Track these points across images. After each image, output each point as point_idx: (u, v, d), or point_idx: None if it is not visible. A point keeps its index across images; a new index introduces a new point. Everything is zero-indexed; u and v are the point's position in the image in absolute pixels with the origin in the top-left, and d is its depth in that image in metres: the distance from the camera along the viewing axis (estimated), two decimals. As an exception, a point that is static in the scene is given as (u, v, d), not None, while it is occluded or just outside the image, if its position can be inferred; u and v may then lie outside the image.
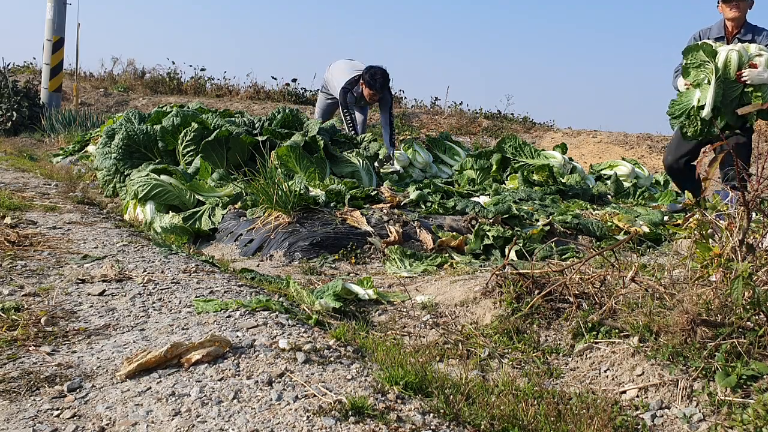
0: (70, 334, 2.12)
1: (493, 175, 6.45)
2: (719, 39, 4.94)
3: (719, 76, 4.59)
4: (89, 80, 14.88)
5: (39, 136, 10.17)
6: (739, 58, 4.57)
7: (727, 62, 4.60)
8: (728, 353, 1.88)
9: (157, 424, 1.55)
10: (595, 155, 10.66)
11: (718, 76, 4.59)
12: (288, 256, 3.80)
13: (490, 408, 1.72)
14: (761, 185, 2.09)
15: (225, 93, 14.12)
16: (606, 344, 2.16)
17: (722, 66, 4.59)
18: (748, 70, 4.52)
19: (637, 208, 5.41)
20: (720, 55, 4.60)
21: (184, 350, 1.86)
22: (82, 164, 7.33)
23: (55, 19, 11.41)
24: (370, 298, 2.86)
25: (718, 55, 4.61)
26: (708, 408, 1.79)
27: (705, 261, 2.12)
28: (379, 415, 1.58)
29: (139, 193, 4.73)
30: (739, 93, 4.63)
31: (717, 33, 5.02)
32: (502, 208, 4.37)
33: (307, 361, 1.88)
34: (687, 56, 4.76)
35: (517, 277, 2.57)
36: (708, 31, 5.10)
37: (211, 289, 2.66)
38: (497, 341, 2.33)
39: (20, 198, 4.59)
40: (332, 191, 4.60)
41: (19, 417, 1.58)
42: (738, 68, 4.56)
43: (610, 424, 1.73)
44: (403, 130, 11.45)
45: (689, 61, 4.75)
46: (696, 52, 4.70)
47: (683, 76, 4.79)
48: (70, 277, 2.76)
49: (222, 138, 5.41)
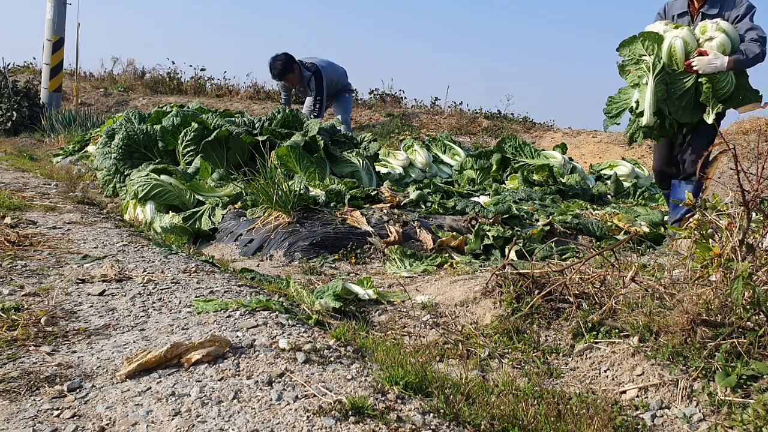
0: (70, 334, 2.12)
1: (493, 175, 6.45)
2: (682, 15, 4.31)
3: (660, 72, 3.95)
4: (89, 80, 14.87)
5: (39, 136, 10.16)
6: (684, 46, 3.93)
7: (671, 52, 3.98)
8: (728, 353, 1.88)
9: (157, 424, 1.55)
10: (595, 155, 10.66)
11: (659, 72, 3.95)
12: (288, 256, 3.80)
13: (490, 408, 1.72)
14: (761, 185, 2.09)
15: (225, 93, 14.11)
16: (606, 344, 2.16)
17: (666, 57, 3.98)
18: (697, 58, 3.92)
19: (637, 208, 5.41)
20: (664, 44, 3.99)
21: (184, 350, 1.86)
22: (82, 164, 7.33)
23: (55, 19, 11.41)
24: (370, 298, 2.86)
25: (663, 45, 3.99)
26: (708, 408, 1.79)
27: (705, 261, 2.12)
28: (379, 415, 1.58)
29: (139, 193, 4.73)
30: (692, 84, 3.99)
31: (680, 8, 4.33)
32: (502, 208, 4.37)
33: (307, 361, 1.88)
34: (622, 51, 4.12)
35: (517, 277, 2.57)
36: (672, 4, 4.41)
37: (211, 289, 2.66)
38: (497, 341, 2.33)
39: (20, 198, 4.59)
40: (332, 191, 4.60)
41: (19, 417, 1.58)
42: (686, 57, 3.95)
43: (610, 424, 1.73)
44: (403, 130, 11.45)
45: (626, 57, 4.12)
46: (632, 46, 4.05)
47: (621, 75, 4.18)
48: (70, 277, 2.76)
49: (222, 138, 5.41)
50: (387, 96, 14.02)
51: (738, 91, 4.03)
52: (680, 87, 4.01)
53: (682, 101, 4.04)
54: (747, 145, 9.79)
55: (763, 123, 10.27)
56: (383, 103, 13.77)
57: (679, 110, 4.05)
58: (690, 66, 3.95)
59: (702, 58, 3.94)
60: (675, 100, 4.04)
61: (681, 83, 4.02)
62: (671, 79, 4.02)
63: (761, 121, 10.42)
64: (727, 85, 3.98)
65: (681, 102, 4.04)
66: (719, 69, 3.91)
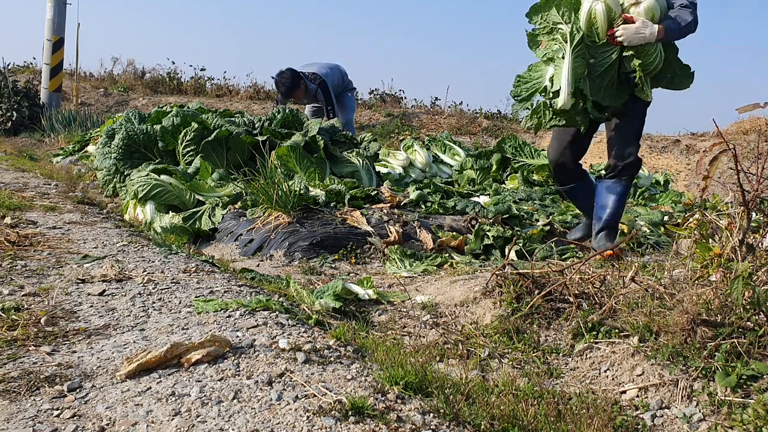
0: (70, 334, 2.12)
1: (493, 175, 6.46)
2: None
3: (579, 44, 3.19)
4: (89, 80, 14.88)
5: (39, 136, 10.17)
6: (606, 11, 3.21)
7: (591, 19, 3.23)
8: (728, 353, 1.88)
9: (157, 424, 1.55)
10: (595, 155, 10.66)
11: (577, 44, 3.19)
12: (288, 256, 3.80)
13: (490, 408, 1.72)
14: (761, 185, 2.09)
15: (225, 93, 14.11)
16: (606, 344, 2.16)
17: (586, 25, 3.23)
18: (622, 26, 3.19)
19: (637, 208, 5.41)
20: (582, 9, 3.25)
21: (184, 350, 1.86)
22: (82, 164, 7.33)
23: (55, 19, 11.41)
24: (370, 298, 2.86)
25: (581, 10, 3.25)
26: (708, 408, 1.79)
27: (705, 261, 2.12)
28: (379, 415, 1.58)
29: (139, 193, 4.73)
30: (616, 59, 3.27)
31: None
32: (502, 208, 4.37)
33: (307, 361, 1.88)
34: (533, 18, 3.37)
35: (517, 277, 2.57)
36: None
37: (211, 289, 2.66)
38: (497, 341, 2.33)
39: (20, 198, 4.59)
40: (332, 191, 4.60)
41: (19, 417, 1.58)
42: (609, 26, 3.22)
43: (610, 424, 1.73)
44: (403, 130, 11.45)
45: (537, 24, 3.37)
46: (546, 12, 3.32)
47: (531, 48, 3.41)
48: (70, 277, 2.76)
49: (222, 138, 5.41)
50: (387, 96, 14.03)
51: (667, 67, 3.37)
52: (602, 62, 3.27)
53: (604, 80, 3.30)
54: (747, 145, 9.79)
55: (763, 123, 10.28)
56: (383, 103, 13.78)
57: (600, 91, 3.30)
58: (613, 36, 3.20)
59: (628, 26, 3.18)
60: (596, 79, 3.27)
61: (603, 58, 3.27)
62: (592, 53, 3.25)
63: (761, 121, 10.42)
64: (656, 60, 3.28)
65: (603, 81, 3.29)
66: (648, 40, 3.16)
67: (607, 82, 3.32)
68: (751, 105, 4.38)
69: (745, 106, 4.38)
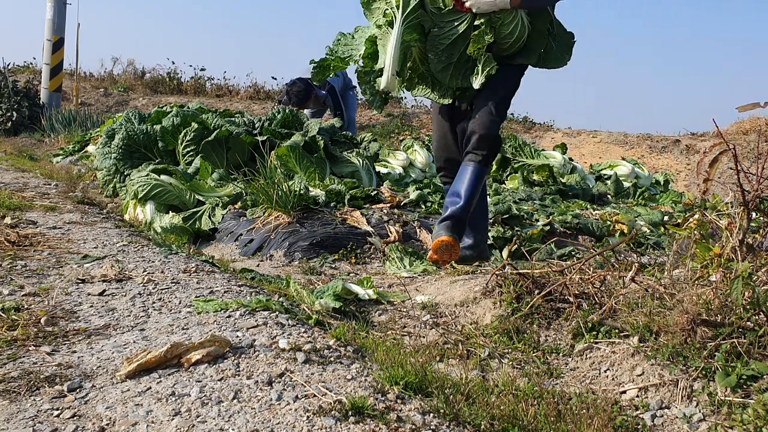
0: (70, 334, 2.12)
1: (493, 175, 6.46)
2: None
3: (413, 12, 2.63)
4: (89, 80, 14.88)
5: (39, 136, 10.17)
6: None
7: None
8: (728, 353, 1.88)
9: (157, 424, 1.55)
10: (595, 155, 10.66)
11: (411, 12, 2.63)
12: (288, 256, 3.80)
13: (490, 408, 1.72)
14: (761, 185, 2.09)
15: (225, 93, 14.12)
16: (606, 344, 2.16)
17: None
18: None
19: (637, 208, 5.41)
20: None
21: (184, 350, 1.86)
22: (82, 164, 7.33)
23: (55, 19, 11.42)
24: (370, 298, 2.86)
25: None
26: (708, 408, 1.79)
27: (705, 261, 2.12)
28: (379, 415, 1.58)
29: (139, 193, 4.73)
30: (465, 30, 2.66)
31: None
32: (502, 208, 4.37)
33: (307, 361, 1.87)
34: None
35: (517, 277, 2.57)
36: None
37: (211, 289, 2.66)
38: (497, 341, 2.33)
39: (20, 198, 4.59)
40: (332, 191, 4.60)
41: (19, 417, 1.58)
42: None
43: (610, 424, 1.73)
44: (403, 130, 11.46)
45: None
46: None
47: (366, 12, 2.81)
48: (70, 277, 2.76)
49: (222, 138, 5.41)
50: (387, 96, 14.00)
51: (537, 39, 2.78)
52: (447, 35, 2.69)
53: (452, 55, 2.71)
54: (747, 145, 9.79)
55: (763, 123, 10.28)
56: (383, 103, 13.75)
57: (446, 69, 2.72)
58: (461, 2, 2.67)
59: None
60: (440, 54, 2.70)
61: (449, 29, 2.69)
62: (437, 22, 2.69)
63: (761, 121, 10.43)
64: (516, 31, 2.70)
65: (450, 56, 2.71)
66: (500, 6, 2.64)
67: (456, 57, 2.72)
68: (751, 104, 4.35)
69: (745, 105, 4.34)
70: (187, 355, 1.85)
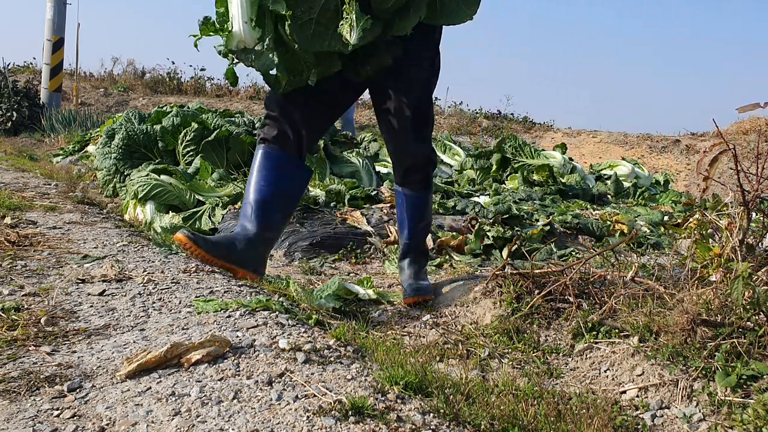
0: (70, 334, 2.12)
1: (493, 175, 6.46)
2: None
3: None
4: (89, 80, 14.88)
5: (39, 136, 10.17)
6: None
7: None
8: (728, 353, 1.88)
9: (157, 424, 1.55)
10: (595, 155, 10.66)
11: None
12: (288, 256, 3.80)
13: (490, 408, 1.72)
14: (761, 185, 2.09)
15: (225, 93, 14.13)
16: (606, 344, 2.16)
17: None
18: None
19: (637, 208, 5.41)
20: None
21: (184, 350, 1.86)
22: (82, 164, 7.33)
23: (55, 19, 11.42)
24: (370, 298, 2.86)
25: None
26: (708, 408, 1.79)
27: (705, 261, 2.12)
28: (379, 415, 1.58)
29: (139, 193, 4.73)
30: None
31: None
32: (502, 208, 4.37)
33: (307, 361, 1.87)
34: None
35: (517, 277, 2.57)
36: None
37: (211, 289, 2.66)
38: (497, 341, 2.33)
39: (20, 198, 4.59)
40: (332, 191, 4.60)
41: (19, 417, 1.58)
42: None
43: (610, 424, 1.73)
44: (403, 130, 11.44)
45: None
46: None
47: None
48: (70, 277, 2.76)
49: (222, 138, 5.41)
50: (387, 96, 14.01)
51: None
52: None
53: (312, 9, 2.07)
54: (747, 145, 9.79)
55: (763, 123, 10.28)
56: (383, 103, 13.76)
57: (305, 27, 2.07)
58: None
59: None
60: (327, 23, 2.08)
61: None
62: None
63: (761, 121, 10.43)
64: None
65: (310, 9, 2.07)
66: None
67: (329, 16, 2.08)
68: (751, 105, 4.35)
69: (745, 105, 4.34)
70: (187, 355, 1.85)
